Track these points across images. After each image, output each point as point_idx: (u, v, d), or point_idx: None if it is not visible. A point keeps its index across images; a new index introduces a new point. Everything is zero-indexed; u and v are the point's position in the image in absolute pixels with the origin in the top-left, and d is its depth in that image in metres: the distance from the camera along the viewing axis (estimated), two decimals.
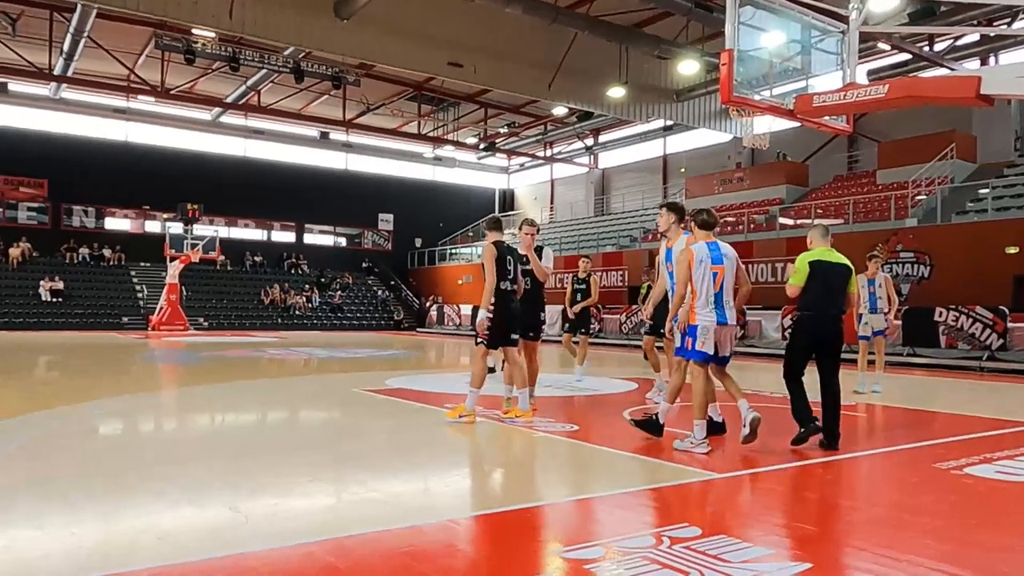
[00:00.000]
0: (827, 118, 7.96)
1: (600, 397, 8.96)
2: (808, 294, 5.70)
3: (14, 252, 29.71)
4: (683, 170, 32.51)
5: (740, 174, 28.59)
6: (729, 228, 24.74)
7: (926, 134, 22.15)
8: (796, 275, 5.75)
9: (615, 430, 6.55)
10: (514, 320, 6.54)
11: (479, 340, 6.45)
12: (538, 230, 7.27)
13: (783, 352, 6.18)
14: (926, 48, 20.97)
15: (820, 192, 25.58)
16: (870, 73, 21.04)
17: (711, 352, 5.41)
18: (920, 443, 6.02)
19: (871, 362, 9.63)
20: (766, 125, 13.26)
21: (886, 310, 9.50)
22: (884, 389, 9.38)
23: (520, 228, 7.15)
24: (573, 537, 3.49)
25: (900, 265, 17.68)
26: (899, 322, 14.41)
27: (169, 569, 2.91)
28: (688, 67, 23.38)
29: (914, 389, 10.86)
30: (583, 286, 10.25)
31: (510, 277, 6.52)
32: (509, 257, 6.54)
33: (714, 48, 21.91)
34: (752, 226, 23.90)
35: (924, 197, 20.30)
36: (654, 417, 5.72)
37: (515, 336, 6.59)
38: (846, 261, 5.82)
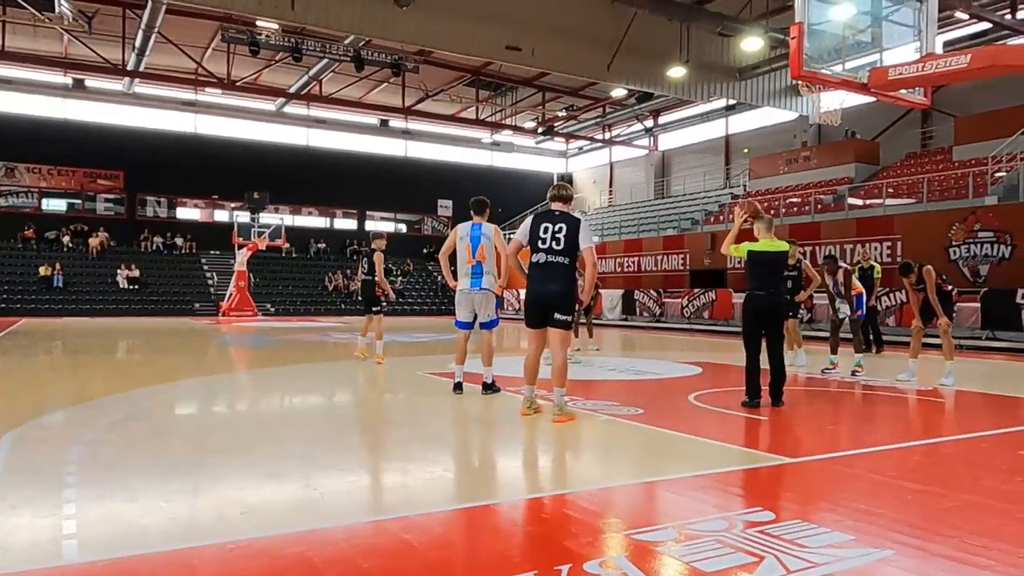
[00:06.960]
0: (904, 91, 7.65)
1: (663, 381, 8.89)
2: (749, 278, 6.74)
3: (93, 242, 31.15)
4: (746, 150, 31.76)
5: (806, 153, 27.74)
6: (795, 209, 24.02)
7: (1006, 107, 21.06)
8: (736, 251, 6.82)
9: (681, 414, 6.49)
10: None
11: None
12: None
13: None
14: (1008, 16, 19.89)
15: (892, 170, 24.62)
16: (946, 44, 20.07)
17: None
18: (1004, 429, 5.77)
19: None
20: (838, 100, 12.80)
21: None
22: (961, 374, 8.97)
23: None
24: (642, 519, 3.47)
25: (979, 245, 16.86)
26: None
27: (257, 541, 3.02)
28: (752, 44, 22.76)
29: (996, 374, 10.40)
30: (795, 272, 9.79)
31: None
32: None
33: (779, 24, 21.25)
34: (819, 207, 23.14)
35: (1004, 174, 19.30)
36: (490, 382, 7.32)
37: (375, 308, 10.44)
38: (784, 248, 6.81)
